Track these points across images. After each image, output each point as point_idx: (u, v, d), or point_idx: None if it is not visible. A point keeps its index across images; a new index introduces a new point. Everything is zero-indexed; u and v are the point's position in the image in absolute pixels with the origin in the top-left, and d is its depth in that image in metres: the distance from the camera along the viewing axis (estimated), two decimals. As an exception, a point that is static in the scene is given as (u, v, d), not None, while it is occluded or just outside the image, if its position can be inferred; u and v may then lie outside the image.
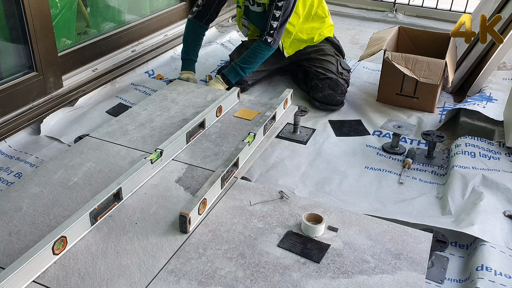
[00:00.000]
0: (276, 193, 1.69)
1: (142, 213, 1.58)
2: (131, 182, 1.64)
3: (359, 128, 2.44)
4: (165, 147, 1.80)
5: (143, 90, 2.74)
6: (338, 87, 2.53)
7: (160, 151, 1.78)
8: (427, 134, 2.18)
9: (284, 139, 2.30)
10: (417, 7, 4.17)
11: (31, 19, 2.21)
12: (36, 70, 2.33)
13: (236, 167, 1.79)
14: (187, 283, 1.32)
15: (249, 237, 1.49)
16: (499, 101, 2.47)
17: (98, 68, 2.73)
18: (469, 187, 1.91)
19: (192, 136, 1.98)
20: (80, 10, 2.77)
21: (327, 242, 1.48)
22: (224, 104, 2.20)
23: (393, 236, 1.51)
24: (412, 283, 1.34)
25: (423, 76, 2.49)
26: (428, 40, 2.89)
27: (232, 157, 1.76)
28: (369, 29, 3.94)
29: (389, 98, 2.66)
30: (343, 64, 2.65)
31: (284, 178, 2.03)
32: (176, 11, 3.47)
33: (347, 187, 1.99)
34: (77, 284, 1.31)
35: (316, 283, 1.34)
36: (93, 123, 2.39)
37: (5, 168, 2.04)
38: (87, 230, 1.48)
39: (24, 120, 2.25)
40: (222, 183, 1.67)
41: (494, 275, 1.49)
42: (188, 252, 1.43)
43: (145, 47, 3.08)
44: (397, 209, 1.86)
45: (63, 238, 1.38)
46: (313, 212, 1.55)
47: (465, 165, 2.03)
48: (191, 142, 1.97)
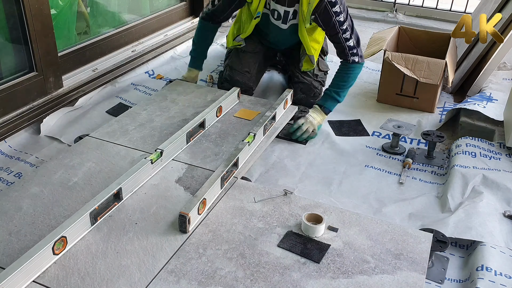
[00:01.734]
0: (276, 193, 1.69)
1: (142, 213, 1.58)
2: (131, 182, 1.64)
3: (359, 128, 2.44)
4: (165, 147, 1.81)
5: (143, 90, 2.74)
6: (310, 91, 2.50)
7: (160, 151, 1.78)
8: (427, 134, 2.18)
9: (284, 139, 2.30)
10: (417, 7, 4.16)
11: (31, 19, 2.21)
12: (36, 70, 2.33)
13: (236, 167, 1.79)
14: (187, 283, 1.32)
15: (249, 237, 1.49)
16: (499, 101, 2.47)
17: (98, 68, 2.73)
18: (469, 187, 1.91)
19: (192, 136, 1.98)
20: (80, 10, 2.77)
21: (327, 242, 1.48)
22: (224, 104, 2.20)
23: (393, 236, 1.51)
24: (412, 283, 1.34)
25: (423, 76, 2.49)
26: (428, 40, 2.89)
27: (232, 157, 1.76)
28: (369, 29, 3.94)
29: (389, 98, 2.66)
30: (322, 65, 2.58)
31: (284, 178, 2.03)
32: (176, 11, 3.47)
33: (347, 187, 1.99)
34: (77, 284, 1.31)
35: (316, 283, 1.34)
36: (93, 123, 2.39)
37: (5, 168, 2.04)
38: (87, 230, 1.48)
39: (24, 120, 2.25)
40: (222, 183, 1.67)
41: (494, 275, 1.49)
42: (188, 252, 1.43)
43: (145, 47, 3.08)
44: (397, 209, 1.86)
45: (63, 238, 1.38)
46: (313, 212, 1.55)
47: (465, 164, 2.03)
48: (191, 142, 1.97)
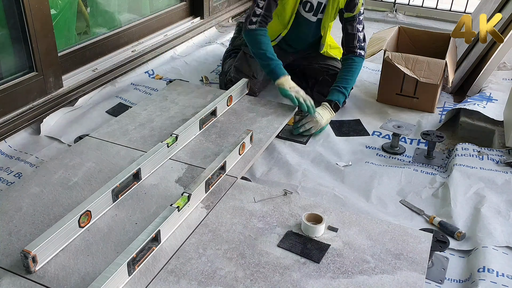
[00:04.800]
0: (276, 193, 1.69)
1: (142, 213, 1.58)
2: (150, 163, 1.76)
3: (358, 128, 2.44)
4: (180, 132, 1.91)
5: (143, 90, 2.74)
6: (335, 69, 2.59)
7: (176, 135, 1.89)
8: (427, 134, 2.18)
9: (284, 139, 2.30)
10: (417, 7, 4.16)
11: (31, 19, 2.21)
12: (36, 70, 2.33)
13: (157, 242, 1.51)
14: (187, 283, 1.32)
15: (249, 237, 1.49)
16: (499, 101, 2.47)
17: (98, 68, 2.73)
18: (470, 187, 1.92)
19: (204, 123, 2.08)
20: (80, 10, 2.77)
21: (327, 242, 1.48)
22: (234, 94, 2.30)
23: (393, 236, 1.51)
24: (412, 283, 1.34)
25: (423, 76, 2.49)
26: (428, 40, 2.89)
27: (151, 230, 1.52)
28: (369, 29, 3.93)
29: (389, 98, 2.66)
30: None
31: (284, 178, 2.02)
32: (176, 11, 3.47)
33: (347, 187, 1.99)
34: (77, 284, 1.31)
35: (316, 283, 1.34)
36: (93, 123, 2.39)
37: (5, 168, 2.04)
38: (109, 206, 1.59)
39: (24, 120, 2.25)
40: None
41: (496, 276, 1.49)
42: (188, 252, 1.43)
43: (145, 47, 3.08)
44: (397, 208, 1.86)
45: (88, 212, 1.49)
46: (313, 212, 1.55)
47: (466, 164, 2.04)
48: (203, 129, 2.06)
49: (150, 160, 1.75)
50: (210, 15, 3.74)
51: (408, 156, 2.20)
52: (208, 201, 1.64)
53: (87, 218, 1.50)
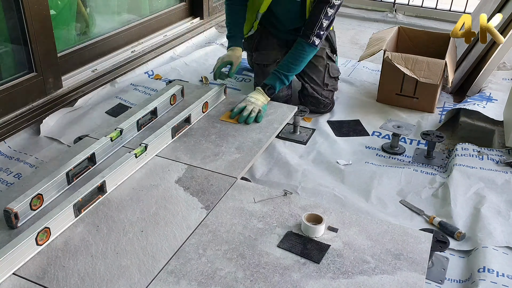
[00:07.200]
0: (276, 193, 1.68)
1: (142, 213, 1.58)
2: (115, 176, 1.68)
3: (358, 128, 2.44)
4: (150, 142, 1.84)
5: (143, 90, 2.74)
6: (320, 104, 2.52)
7: (145, 145, 1.82)
8: (427, 134, 2.18)
9: (284, 139, 2.30)
10: (417, 7, 4.16)
11: (30, 19, 2.21)
12: (35, 70, 2.33)
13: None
14: (187, 284, 1.32)
15: (249, 237, 1.49)
16: (499, 101, 2.47)
17: (97, 68, 2.73)
18: (470, 187, 1.92)
19: (177, 131, 2.01)
20: (80, 11, 2.77)
21: (327, 242, 1.48)
22: (210, 101, 2.24)
23: (393, 236, 1.51)
24: (412, 283, 1.34)
25: (423, 76, 2.49)
26: (428, 40, 2.89)
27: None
28: (369, 29, 3.94)
29: (389, 98, 2.66)
30: (332, 71, 2.55)
31: (284, 178, 2.02)
32: (175, 11, 3.47)
33: (347, 187, 1.99)
34: (77, 284, 1.31)
35: (316, 283, 1.33)
36: (92, 123, 2.39)
37: (5, 169, 2.04)
38: (71, 221, 1.51)
39: (23, 120, 2.25)
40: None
41: (496, 276, 1.49)
42: (188, 253, 1.43)
43: (144, 48, 3.08)
44: (397, 208, 1.86)
45: (47, 229, 1.42)
46: (313, 212, 1.55)
47: (466, 164, 2.04)
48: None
49: (116, 172, 1.67)
50: (210, 16, 3.75)
51: (408, 156, 2.20)
52: (208, 202, 1.64)
53: (46, 235, 1.42)
